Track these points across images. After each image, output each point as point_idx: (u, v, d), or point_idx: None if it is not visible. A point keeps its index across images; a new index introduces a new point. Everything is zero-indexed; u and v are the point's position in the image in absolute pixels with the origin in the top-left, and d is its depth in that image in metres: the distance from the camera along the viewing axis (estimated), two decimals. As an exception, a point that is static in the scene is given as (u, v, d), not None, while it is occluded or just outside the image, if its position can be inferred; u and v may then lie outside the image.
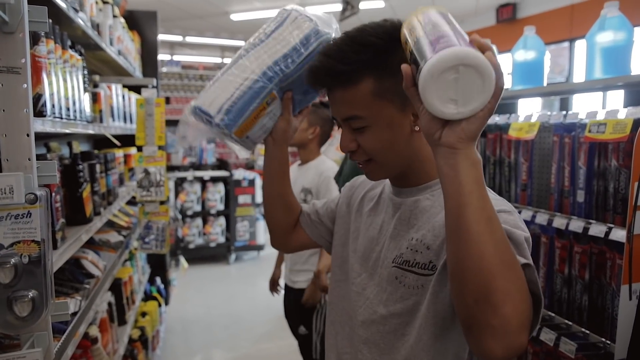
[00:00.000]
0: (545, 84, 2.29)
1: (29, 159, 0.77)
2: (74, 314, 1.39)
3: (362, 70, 0.85)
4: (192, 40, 9.52)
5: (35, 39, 1.16)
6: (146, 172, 2.00)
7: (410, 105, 0.87)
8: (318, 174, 2.32)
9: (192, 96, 9.89)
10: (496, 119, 2.22)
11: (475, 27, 7.49)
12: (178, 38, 9.24)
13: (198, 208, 5.81)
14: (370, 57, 0.84)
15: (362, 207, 1.10)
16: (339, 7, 6.01)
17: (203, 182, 5.87)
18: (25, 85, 0.77)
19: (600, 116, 1.68)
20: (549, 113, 1.96)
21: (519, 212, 1.89)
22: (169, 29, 8.65)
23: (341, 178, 2.23)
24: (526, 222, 1.91)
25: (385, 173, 0.94)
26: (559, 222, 1.71)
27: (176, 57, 10.66)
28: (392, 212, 1.00)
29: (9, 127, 0.76)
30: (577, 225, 1.65)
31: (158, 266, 3.69)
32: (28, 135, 0.78)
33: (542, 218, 1.79)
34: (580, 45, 6.06)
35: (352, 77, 0.85)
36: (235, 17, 7.83)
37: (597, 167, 1.67)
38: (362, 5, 5.68)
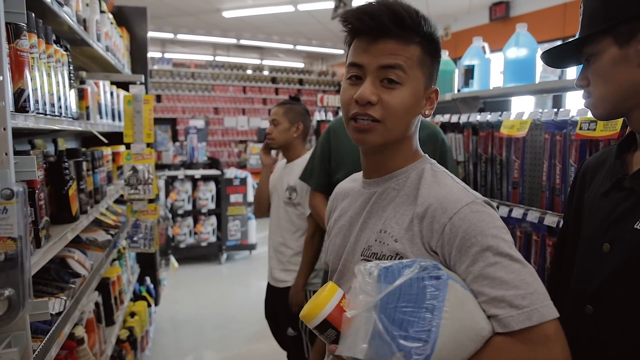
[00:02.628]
0: (537, 81, 2.28)
1: (6, 154, 0.74)
2: (59, 313, 1.36)
3: (419, 34, 0.91)
4: (183, 38, 9.45)
5: (17, 33, 1.13)
6: (134, 169, 1.96)
7: (428, 90, 0.97)
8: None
9: (183, 94, 9.85)
10: (488, 117, 2.21)
11: (468, 26, 7.49)
12: (169, 35, 9.17)
13: (189, 207, 5.76)
14: (426, 29, 0.92)
15: (335, 212, 1.13)
16: (331, 4, 5.99)
17: (194, 181, 5.82)
18: (1, 78, 0.74)
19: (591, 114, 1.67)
20: (540, 111, 1.95)
21: (510, 210, 1.90)
22: (159, 26, 8.58)
23: (313, 179, 2.07)
24: (517, 220, 1.91)
25: (383, 138, 0.93)
26: (550, 220, 1.70)
27: (167, 55, 10.60)
28: (362, 206, 1.02)
29: (-18, 121, 0.73)
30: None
31: (148, 266, 3.65)
32: (5, 129, 0.75)
33: (533, 216, 1.78)
34: (572, 44, 6.08)
35: (410, 35, 0.90)
36: (227, 14, 7.78)
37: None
38: (354, 3, 5.66)
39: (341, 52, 10.97)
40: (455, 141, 2.49)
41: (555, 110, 1.88)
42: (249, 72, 10.56)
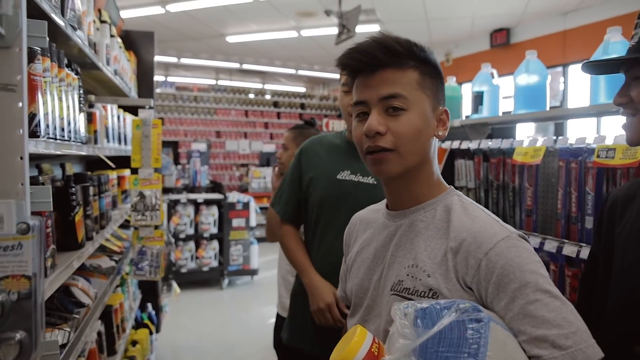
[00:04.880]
0: (547, 108, 2.27)
1: (22, 184, 0.70)
2: (62, 346, 1.30)
3: (413, 59, 0.93)
4: (186, 62, 9.53)
5: (31, 56, 1.11)
6: (141, 195, 1.93)
7: (437, 111, 0.97)
8: None
9: (185, 117, 9.87)
10: (500, 144, 2.19)
11: (469, 52, 7.58)
12: (173, 59, 9.25)
13: (191, 231, 5.69)
14: (419, 53, 0.93)
15: (356, 244, 1.10)
16: (335, 30, 6.05)
17: (196, 205, 5.77)
18: (21, 104, 0.71)
19: (609, 141, 1.65)
20: (554, 138, 1.93)
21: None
22: (163, 50, 8.66)
23: (280, 206, 1.84)
24: (534, 249, 1.86)
25: (401, 166, 0.92)
26: (569, 249, 1.66)
27: (170, 78, 10.68)
28: (389, 238, 0.99)
29: (1, 149, 0.70)
30: (588, 253, 1.60)
31: (149, 292, 3.57)
32: (22, 158, 0.71)
33: (551, 245, 1.74)
34: (574, 70, 6.13)
35: (404, 61, 0.92)
36: (231, 39, 7.87)
37: (606, 193, 1.63)
38: (358, 29, 5.72)
39: (343, 77, 11.06)
40: (465, 167, 2.46)
41: (568, 137, 1.86)
42: (251, 96, 10.62)
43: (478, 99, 2.57)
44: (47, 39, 0.74)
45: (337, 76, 10.22)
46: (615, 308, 1.02)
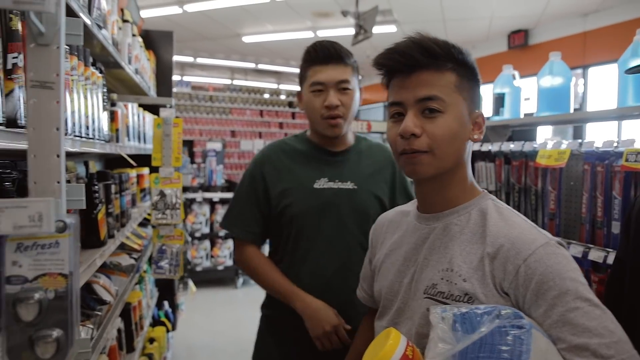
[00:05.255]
0: (571, 110, 2.23)
1: (58, 182, 0.70)
2: (86, 343, 1.31)
3: (451, 61, 0.91)
4: (202, 62, 9.59)
5: (59, 55, 1.12)
6: (162, 194, 1.93)
7: (473, 114, 0.94)
8: None
9: (201, 117, 9.93)
10: (522, 146, 2.16)
11: (487, 53, 7.50)
12: (189, 59, 9.32)
13: (206, 230, 5.73)
14: (457, 55, 0.92)
15: (384, 245, 1.09)
16: (351, 31, 6.04)
17: (212, 204, 5.80)
18: (58, 102, 0.71)
19: (638, 144, 1.62)
20: (579, 141, 1.90)
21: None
22: (180, 50, 8.73)
23: (242, 229, 1.63)
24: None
25: (435, 168, 0.91)
26: (596, 254, 1.62)
27: (186, 78, 10.76)
28: (421, 241, 0.97)
29: (39, 147, 0.70)
30: (614, 258, 1.57)
31: (166, 290, 3.59)
32: (58, 156, 0.71)
33: (576, 250, 1.70)
34: (594, 72, 6.04)
35: (441, 63, 0.90)
36: (247, 39, 7.90)
37: (634, 197, 1.59)
38: (374, 30, 5.70)
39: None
40: (485, 170, 2.43)
41: (595, 140, 1.83)
42: (266, 96, 10.65)
43: (499, 100, 2.54)
44: (82, 36, 0.75)
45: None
46: None
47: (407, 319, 0.95)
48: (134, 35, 2.43)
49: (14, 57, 0.84)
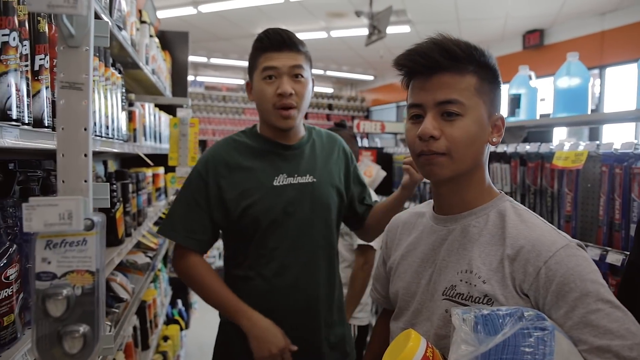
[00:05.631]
0: (589, 112, 2.21)
1: (85, 181, 0.72)
2: (104, 340, 1.33)
3: (472, 64, 0.90)
4: (216, 62, 9.65)
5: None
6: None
7: (493, 117, 0.94)
8: None
9: (214, 117, 10.00)
10: (538, 147, 2.14)
11: (502, 53, 7.44)
12: (203, 59, 9.38)
13: (219, 229, 5.76)
14: (479, 57, 0.91)
15: (400, 247, 1.09)
16: (365, 31, 6.03)
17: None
18: (86, 102, 0.73)
19: (659, 147, 1.60)
20: (597, 142, 1.88)
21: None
22: (194, 50, 8.79)
23: (189, 236, 1.46)
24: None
25: (452, 171, 0.91)
26: (614, 257, 1.60)
27: (200, 78, 10.84)
28: (439, 242, 0.98)
29: (68, 147, 0.72)
30: (627, 261, 1.55)
31: (180, 288, 3.62)
32: (86, 155, 0.73)
33: (593, 253, 1.69)
34: (612, 72, 5.95)
35: (462, 65, 0.89)
36: (260, 40, 7.91)
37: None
38: (388, 30, 5.69)
39: (370, 78, 11.04)
40: (501, 171, 2.42)
41: (614, 142, 1.81)
42: (279, 96, 10.66)
43: (515, 101, 2.52)
44: (109, 38, 0.76)
45: (365, 77, 10.02)
46: None
47: (425, 320, 0.95)
48: (151, 36, 2.46)
49: (40, 59, 0.86)
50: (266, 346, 1.33)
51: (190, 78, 10.56)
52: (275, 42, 1.36)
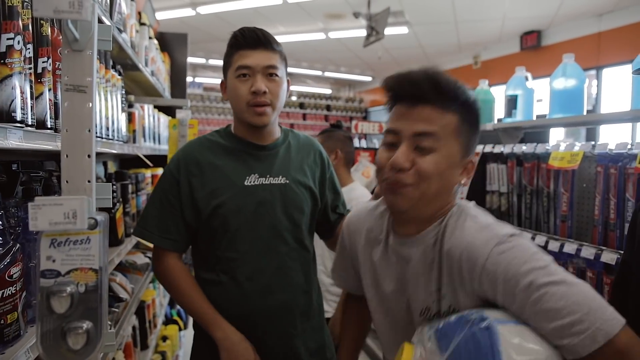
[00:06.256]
0: (584, 112, 2.23)
1: (89, 181, 0.73)
2: (105, 339, 1.35)
3: (456, 103, 0.92)
4: (214, 63, 9.67)
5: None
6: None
7: (465, 160, 0.96)
8: (347, 201, 2.25)
9: (213, 118, 10.01)
10: (535, 148, 2.16)
11: (499, 54, 7.47)
12: (201, 60, 9.40)
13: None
14: (464, 99, 0.93)
15: (369, 251, 1.11)
16: (363, 32, 6.06)
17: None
18: (90, 105, 0.75)
19: (652, 147, 1.62)
20: (592, 143, 1.90)
21: (562, 245, 1.83)
22: (192, 52, 8.80)
23: (164, 237, 1.44)
24: (570, 255, 1.83)
25: (417, 202, 0.93)
26: (608, 257, 1.63)
27: (198, 79, 10.85)
28: (403, 265, 1.01)
29: (72, 148, 0.73)
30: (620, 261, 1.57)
31: (178, 288, 3.62)
32: (89, 156, 0.75)
33: (588, 252, 1.71)
34: (608, 73, 5.99)
35: (447, 102, 0.91)
36: (258, 41, 7.93)
37: (640, 200, 1.59)
38: (386, 31, 5.71)
39: (369, 79, 11.06)
40: (497, 172, 2.44)
41: (609, 142, 1.83)
42: (277, 97, 10.68)
43: (512, 102, 2.54)
44: (111, 41, 0.78)
45: (363, 78, 10.03)
46: None
47: (401, 340, 0.98)
48: (150, 37, 2.48)
49: (43, 62, 0.88)
50: (236, 359, 1.32)
51: (188, 79, 10.56)
52: (250, 40, 1.35)
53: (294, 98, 10.92)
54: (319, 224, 1.55)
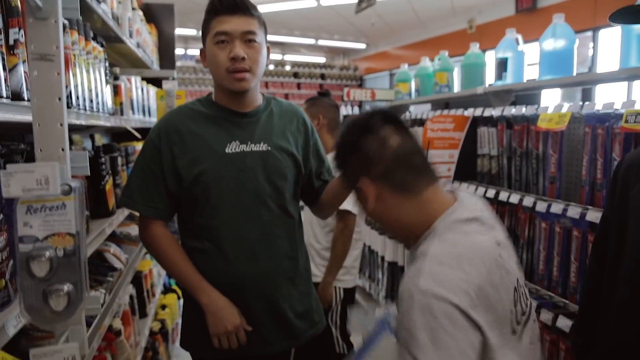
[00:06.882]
0: (574, 73, 2.22)
1: (62, 149, 0.74)
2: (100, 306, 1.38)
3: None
4: (206, 34, 9.51)
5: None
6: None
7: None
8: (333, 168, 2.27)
9: (206, 89, 9.91)
10: (523, 110, 2.16)
11: (493, 18, 7.35)
12: (192, 32, 9.23)
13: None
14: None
15: None
16: (355, -2, 5.95)
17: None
18: (58, 73, 0.75)
19: (638, 105, 1.62)
20: (580, 103, 1.90)
21: (549, 206, 1.85)
22: (183, 23, 8.64)
23: (148, 205, 1.46)
24: (557, 215, 1.86)
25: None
26: (593, 215, 1.65)
27: (190, 51, 10.68)
28: None
29: (43, 116, 0.74)
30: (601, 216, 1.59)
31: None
32: (61, 124, 0.75)
33: (574, 211, 1.73)
34: (605, 34, 5.91)
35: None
36: (249, 10, 7.78)
37: (622, 157, 1.60)
38: (378, -4, 5.61)
39: (363, 46, 10.91)
40: (488, 135, 2.44)
41: (595, 103, 1.82)
42: (271, 67, 10.57)
43: (502, 65, 2.52)
44: (79, 10, 0.77)
45: (357, 45, 9.87)
46: (628, 272, 1.02)
47: None
48: (134, 8, 2.44)
49: (15, 33, 0.87)
50: (222, 323, 1.35)
51: (180, 52, 10.40)
52: (227, 5, 1.34)
53: (287, 68, 10.79)
54: (303, 191, 1.56)
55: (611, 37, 5.84)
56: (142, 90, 2.57)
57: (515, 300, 0.96)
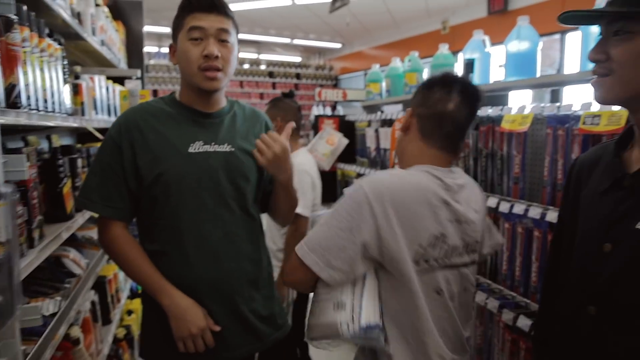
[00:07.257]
0: (538, 75, 2.26)
1: (-8, 154, 0.70)
2: (53, 314, 1.33)
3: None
4: (180, 32, 9.37)
5: (7, 26, 1.09)
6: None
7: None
8: None
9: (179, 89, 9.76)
10: (489, 111, 2.18)
11: (466, 19, 7.45)
12: (166, 29, 9.09)
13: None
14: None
15: None
16: (329, -2, 5.94)
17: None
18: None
19: (595, 108, 1.65)
20: (542, 105, 1.93)
21: (511, 206, 1.87)
22: (156, 20, 8.50)
23: (107, 204, 1.37)
24: (519, 216, 1.88)
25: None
26: (553, 216, 1.68)
27: (164, 50, 10.51)
28: None
29: (-34, 119, 0.70)
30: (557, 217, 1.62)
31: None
32: (-10, 127, 0.71)
33: (535, 212, 1.76)
34: (572, 37, 6.05)
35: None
36: (223, 8, 7.70)
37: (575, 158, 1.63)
38: (352, -4, 5.62)
39: (338, 46, 10.92)
40: (455, 136, 2.46)
41: (558, 104, 1.86)
42: (246, 66, 10.49)
43: (469, 66, 2.55)
44: (21, 6, 0.73)
45: (332, 45, 9.91)
46: (576, 271, 1.05)
47: None
48: (97, 5, 2.37)
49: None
50: (186, 326, 1.30)
51: (153, 49, 10.23)
52: (204, 3, 1.33)
53: (263, 67, 10.72)
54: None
55: (578, 40, 5.99)
56: (106, 89, 2.51)
57: (433, 244, 1.16)
